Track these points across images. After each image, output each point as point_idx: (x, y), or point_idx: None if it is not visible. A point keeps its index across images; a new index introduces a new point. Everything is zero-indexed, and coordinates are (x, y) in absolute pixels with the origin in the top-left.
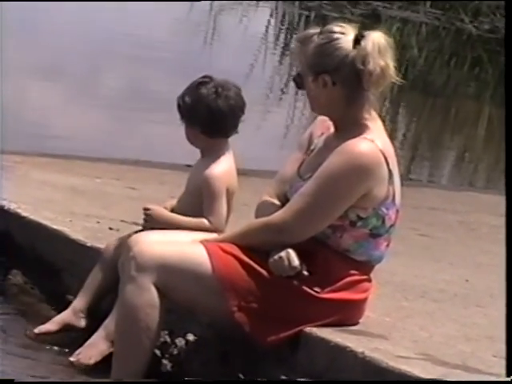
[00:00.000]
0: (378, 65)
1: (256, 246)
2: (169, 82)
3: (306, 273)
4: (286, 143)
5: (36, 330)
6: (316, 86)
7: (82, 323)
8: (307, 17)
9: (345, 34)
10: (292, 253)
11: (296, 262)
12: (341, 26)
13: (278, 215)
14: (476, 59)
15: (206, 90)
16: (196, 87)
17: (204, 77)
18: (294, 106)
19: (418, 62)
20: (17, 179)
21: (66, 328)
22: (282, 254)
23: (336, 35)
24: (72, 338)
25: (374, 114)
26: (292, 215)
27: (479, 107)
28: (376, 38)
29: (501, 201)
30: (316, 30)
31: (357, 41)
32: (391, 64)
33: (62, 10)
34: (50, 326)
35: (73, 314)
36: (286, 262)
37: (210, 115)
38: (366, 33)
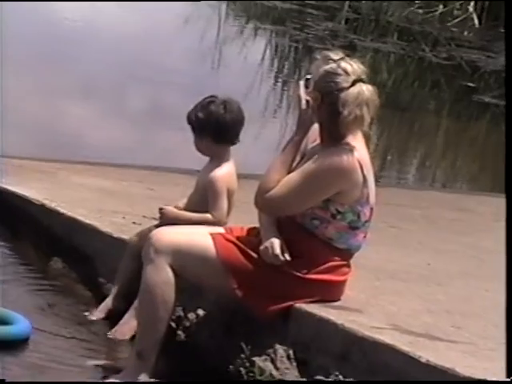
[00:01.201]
0: (353, 113)
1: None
2: (183, 100)
3: (288, 258)
4: (279, 151)
5: (90, 317)
6: (312, 95)
7: (121, 306)
8: (296, 48)
9: (348, 75)
10: (276, 243)
11: (277, 250)
12: (352, 66)
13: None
14: (435, 82)
15: (215, 107)
16: (207, 104)
17: (211, 96)
18: (285, 120)
19: (387, 84)
20: (57, 183)
21: (110, 313)
22: (267, 244)
23: (340, 71)
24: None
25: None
26: (276, 193)
27: (438, 121)
28: (362, 92)
29: (456, 198)
30: (337, 55)
31: (353, 83)
32: (366, 118)
33: (97, 39)
34: (100, 314)
35: (114, 300)
36: (270, 251)
37: (219, 126)
38: (358, 84)
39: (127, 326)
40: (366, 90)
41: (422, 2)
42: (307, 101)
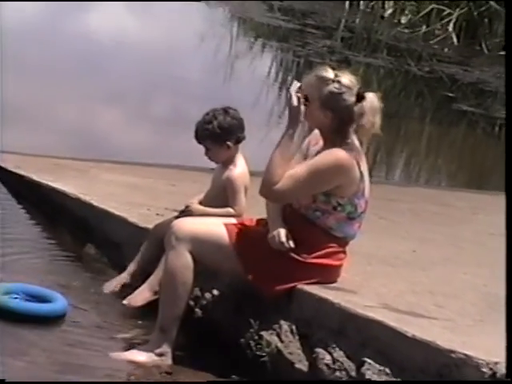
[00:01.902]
0: (370, 122)
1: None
2: (199, 108)
3: (292, 245)
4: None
5: (106, 291)
6: (319, 112)
7: (136, 282)
8: (298, 62)
9: (351, 89)
10: (282, 232)
11: (283, 238)
12: (350, 80)
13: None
14: (419, 92)
15: (226, 115)
16: (222, 113)
17: (214, 109)
18: None
19: (377, 94)
20: (90, 179)
21: (125, 285)
22: (274, 233)
23: (344, 89)
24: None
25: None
26: (284, 186)
27: (422, 126)
28: (373, 102)
29: (438, 193)
30: (330, 74)
31: (358, 98)
32: (378, 122)
33: (124, 55)
34: (114, 285)
35: (128, 275)
36: (277, 239)
37: (237, 130)
38: (366, 94)
39: (141, 295)
40: (374, 98)
41: (408, 23)
42: (298, 98)
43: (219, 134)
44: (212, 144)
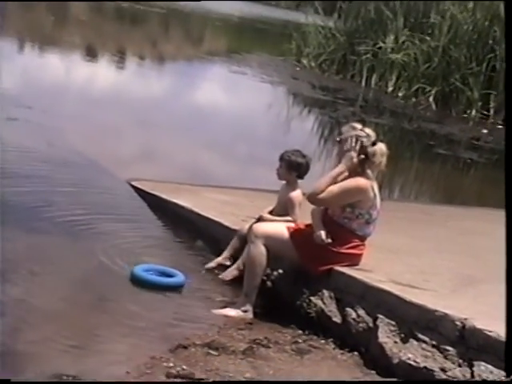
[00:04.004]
0: (379, 160)
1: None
2: (267, 151)
3: (329, 240)
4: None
5: (208, 267)
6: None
7: (227, 262)
8: (331, 122)
9: (370, 137)
10: (322, 232)
11: (323, 236)
12: (370, 131)
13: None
14: (410, 141)
15: (301, 157)
16: (299, 154)
17: (296, 150)
18: (325, 164)
19: (385, 144)
20: (198, 197)
21: (220, 265)
22: (318, 233)
23: (365, 137)
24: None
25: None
26: (325, 196)
27: (412, 163)
28: (382, 148)
29: (423, 206)
30: (358, 126)
31: (373, 144)
32: (384, 161)
33: (214, 117)
34: (213, 264)
35: (222, 259)
36: (320, 237)
37: (302, 167)
38: (378, 142)
39: (231, 273)
40: (383, 147)
41: (403, 96)
42: (349, 149)
43: (291, 164)
44: (284, 166)
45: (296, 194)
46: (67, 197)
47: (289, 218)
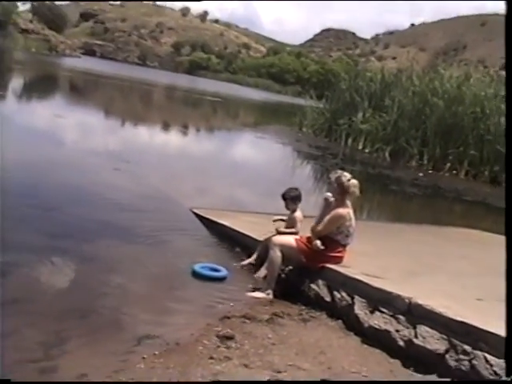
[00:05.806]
0: (354, 191)
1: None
2: (279, 188)
3: (322, 247)
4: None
5: (242, 265)
6: (334, 189)
7: (254, 262)
8: (322, 169)
9: (346, 177)
10: (318, 241)
11: (319, 244)
12: (346, 174)
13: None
14: (374, 181)
15: (296, 191)
16: (294, 190)
17: (293, 188)
18: (320, 199)
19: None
20: (236, 219)
21: (250, 264)
22: (315, 242)
23: (344, 178)
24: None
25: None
26: (319, 228)
27: (374, 196)
28: (355, 183)
29: (393, 225)
30: (339, 171)
31: (349, 180)
32: (357, 192)
33: (246, 166)
34: (246, 263)
35: (252, 260)
36: (316, 244)
37: (300, 198)
38: (352, 179)
39: (262, 272)
40: (356, 182)
41: (368, 152)
42: (332, 195)
43: (294, 198)
44: (290, 200)
45: (298, 216)
46: (150, 221)
47: (294, 231)
